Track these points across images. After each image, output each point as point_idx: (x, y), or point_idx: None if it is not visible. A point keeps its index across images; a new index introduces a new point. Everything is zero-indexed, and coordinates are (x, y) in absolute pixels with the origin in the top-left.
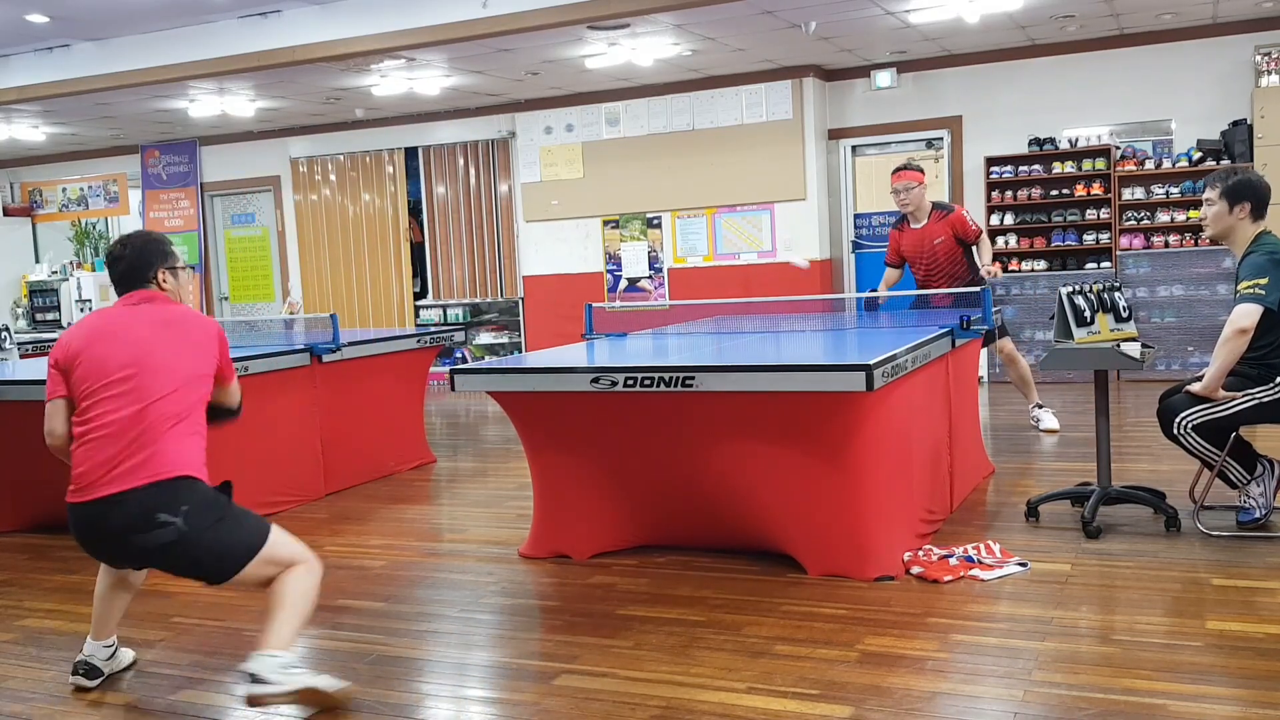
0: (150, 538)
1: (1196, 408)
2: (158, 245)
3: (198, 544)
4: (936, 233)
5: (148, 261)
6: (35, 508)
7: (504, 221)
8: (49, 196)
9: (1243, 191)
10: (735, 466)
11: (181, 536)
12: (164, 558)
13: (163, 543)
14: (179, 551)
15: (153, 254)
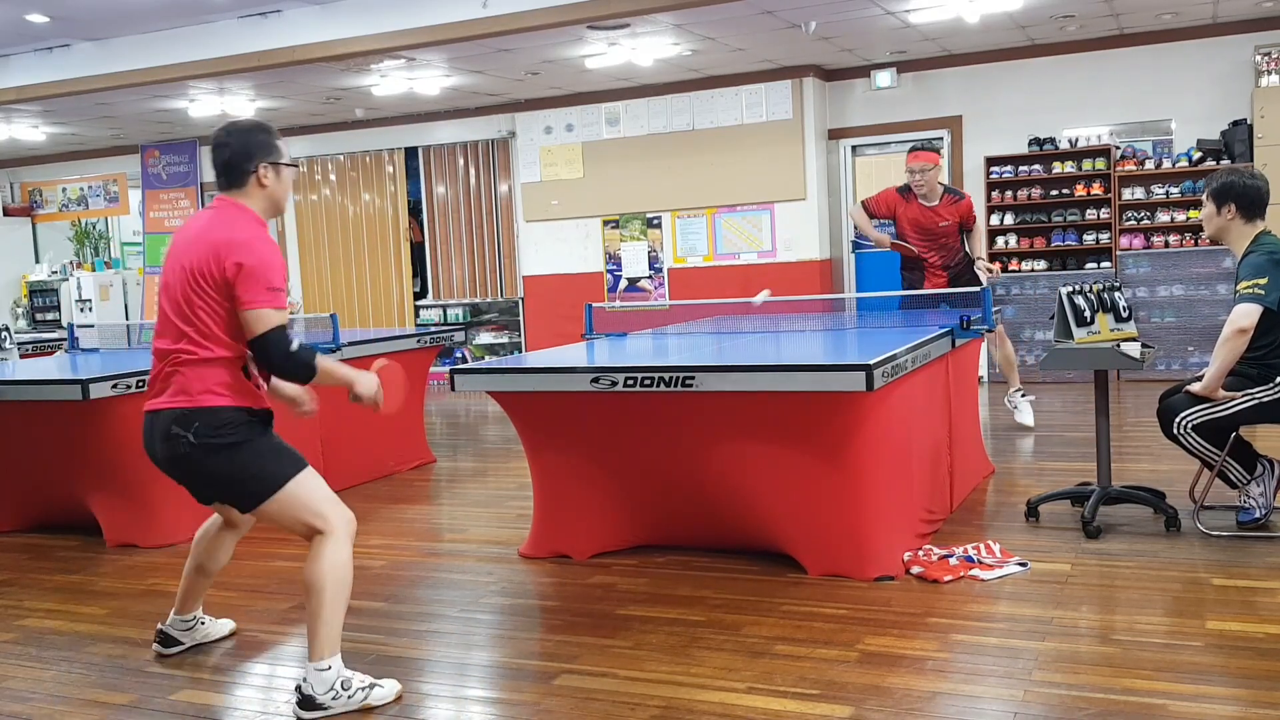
0: (166, 448)
1: (1196, 408)
2: (263, 135)
3: (208, 463)
4: (945, 215)
5: (248, 153)
6: (35, 508)
7: (504, 221)
8: (49, 196)
9: (1228, 192)
10: (735, 466)
11: (192, 451)
12: (183, 472)
13: (175, 454)
14: (192, 468)
15: (255, 145)
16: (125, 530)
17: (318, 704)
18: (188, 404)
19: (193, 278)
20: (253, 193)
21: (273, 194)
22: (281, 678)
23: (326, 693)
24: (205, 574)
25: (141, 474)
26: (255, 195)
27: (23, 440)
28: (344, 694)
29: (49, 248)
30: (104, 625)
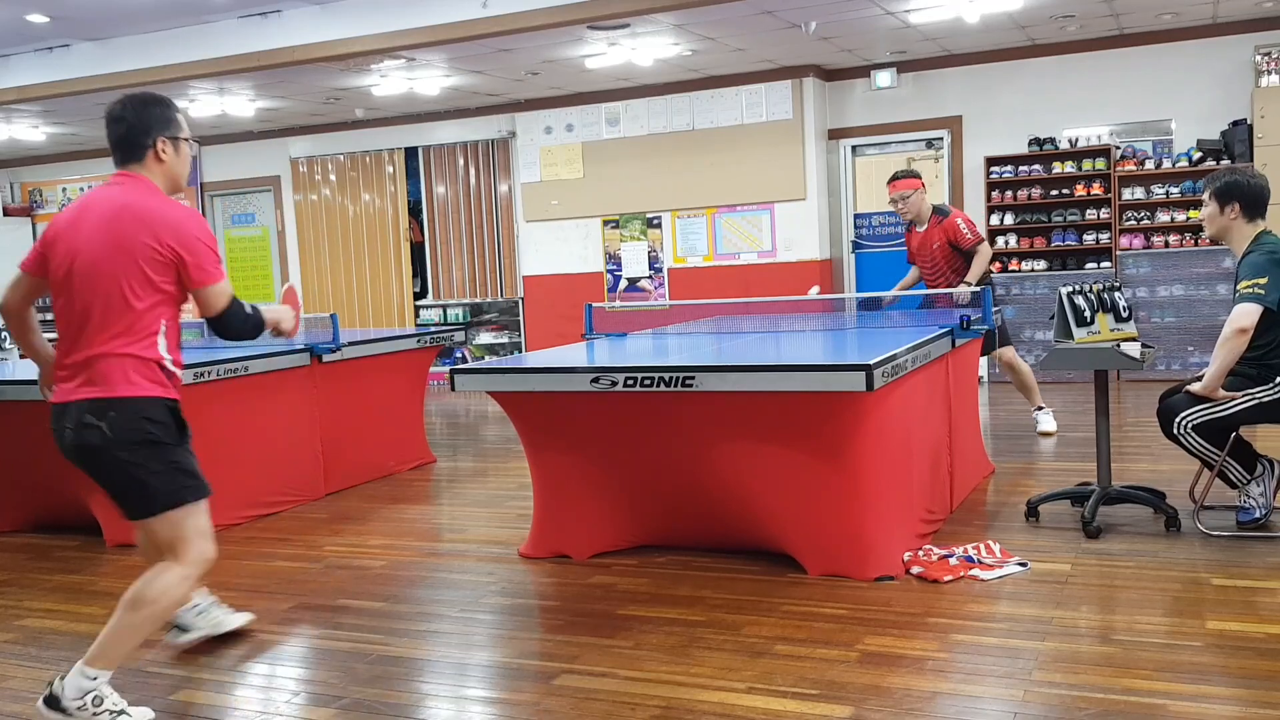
0: (80, 436)
1: (1196, 408)
2: (160, 109)
3: (115, 460)
4: (934, 237)
5: (145, 127)
6: (35, 508)
7: (504, 221)
8: (49, 196)
9: (1231, 191)
10: (735, 466)
11: (106, 443)
12: (91, 464)
13: (88, 444)
14: (101, 461)
15: (153, 119)
16: (125, 530)
17: (61, 706)
18: (105, 394)
19: (126, 256)
20: (151, 167)
21: (170, 169)
22: (281, 678)
23: (76, 699)
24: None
25: None
26: (154, 170)
27: (23, 440)
28: (91, 708)
29: None
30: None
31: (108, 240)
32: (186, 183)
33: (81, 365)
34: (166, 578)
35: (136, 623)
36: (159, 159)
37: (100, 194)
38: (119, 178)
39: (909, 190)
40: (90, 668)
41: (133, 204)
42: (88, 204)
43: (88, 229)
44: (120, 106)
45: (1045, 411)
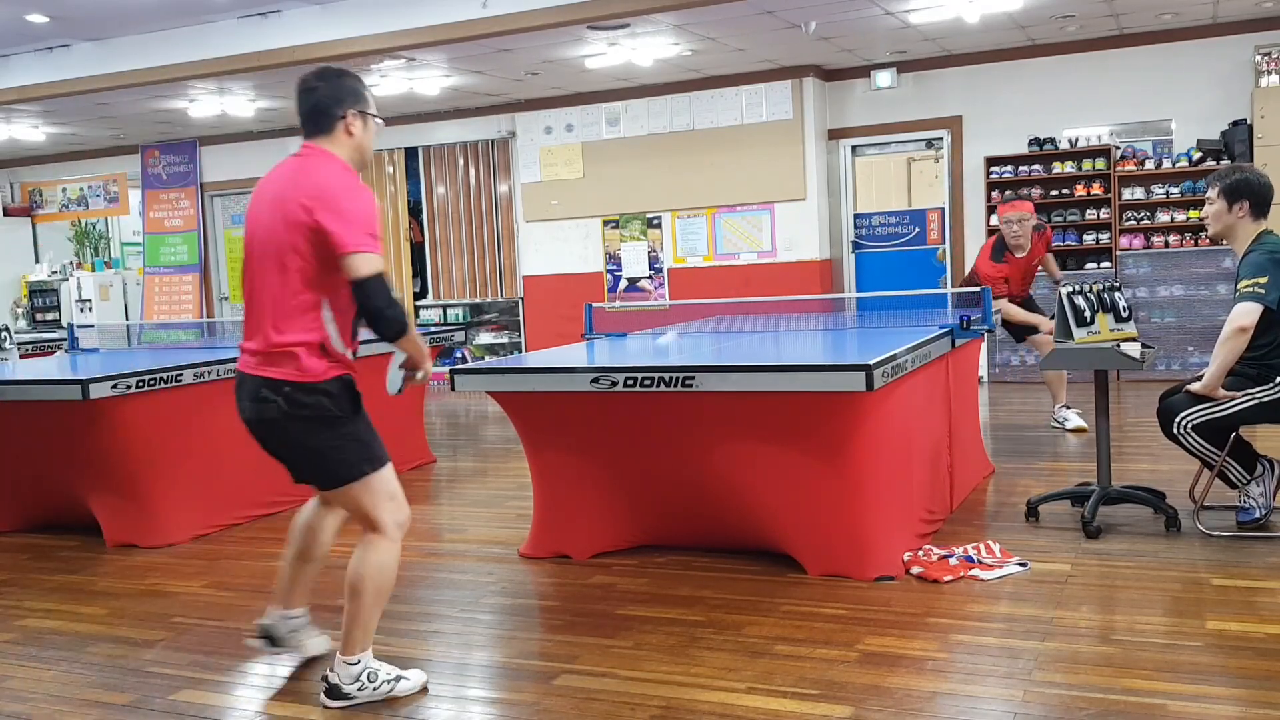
0: (257, 409)
1: (1196, 407)
2: (353, 82)
3: (293, 432)
4: (1037, 254)
5: (338, 98)
6: (35, 508)
7: (504, 221)
8: (49, 196)
9: (1241, 190)
10: (735, 466)
11: (282, 416)
12: (271, 437)
13: (265, 418)
14: (280, 434)
15: (345, 91)
16: (125, 530)
17: (343, 693)
18: (279, 374)
19: (287, 232)
20: (340, 140)
21: (360, 143)
22: (281, 678)
23: (352, 684)
24: (309, 560)
25: (141, 474)
26: (342, 143)
27: (23, 440)
28: (369, 685)
29: (49, 248)
30: (104, 625)
31: (275, 214)
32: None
33: (259, 341)
34: (373, 555)
35: (367, 604)
36: (348, 132)
37: (280, 166)
38: (305, 149)
39: (1027, 214)
40: (349, 656)
41: (300, 175)
42: (268, 178)
43: (263, 205)
44: (313, 77)
45: (1073, 410)
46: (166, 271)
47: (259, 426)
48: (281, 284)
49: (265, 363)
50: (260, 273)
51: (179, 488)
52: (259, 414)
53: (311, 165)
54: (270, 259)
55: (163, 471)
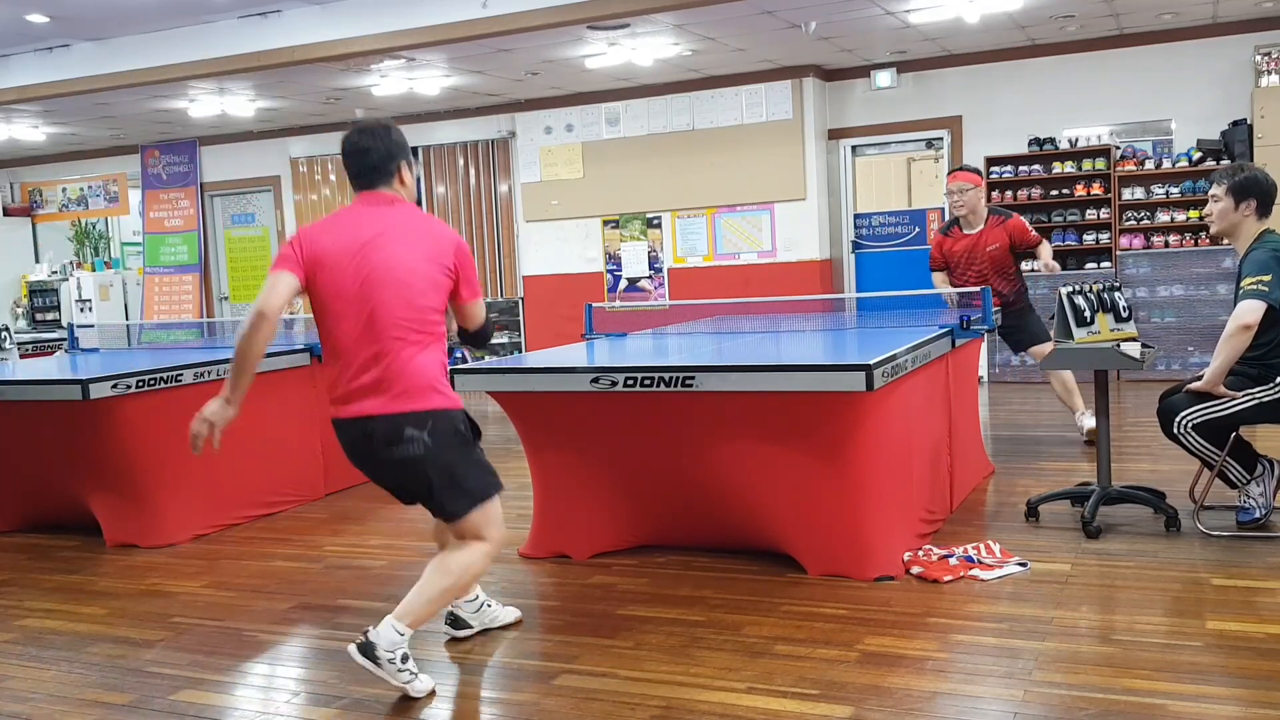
0: (399, 450)
1: (1196, 407)
2: (400, 136)
3: (437, 464)
4: (991, 239)
5: (391, 153)
6: (35, 508)
7: (504, 221)
8: (49, 196)
9: (1249, 188)
10: (735, 466)
11: (427, 452)
12: (408, 474)
13: (409, 457)
14: (421, 469)
15: (396, 145)
16: (125, 530)
17: (374, 655)
18: (423, 406)
19: (430, 271)
20: (398, 189)
21: (411, 190)
22: (281, 678)
23: (388, 650)
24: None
25: (141, 474)
26: (400, 191)
27: (23, 440)
28: (398, 663)
29: (49, 248)
30: (104, 625)
31: (410, 255)
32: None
33: (388, 378)
34: (471, 554)
35: (444, 587)
36: (402, 181)
37: (379, 212)
38: (388, 197)
39: (968, 184)
40: (400, 622)
41: (426, 220)
42: (370, 219)
43: (384, 244)
44: (368, 136)
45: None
46: (166, 271)
47: (399, 466)
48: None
49: (402, 396)
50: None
51: (179, 488)
52: (406, 454)
53: (417, 212)
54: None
55: (163, 471)
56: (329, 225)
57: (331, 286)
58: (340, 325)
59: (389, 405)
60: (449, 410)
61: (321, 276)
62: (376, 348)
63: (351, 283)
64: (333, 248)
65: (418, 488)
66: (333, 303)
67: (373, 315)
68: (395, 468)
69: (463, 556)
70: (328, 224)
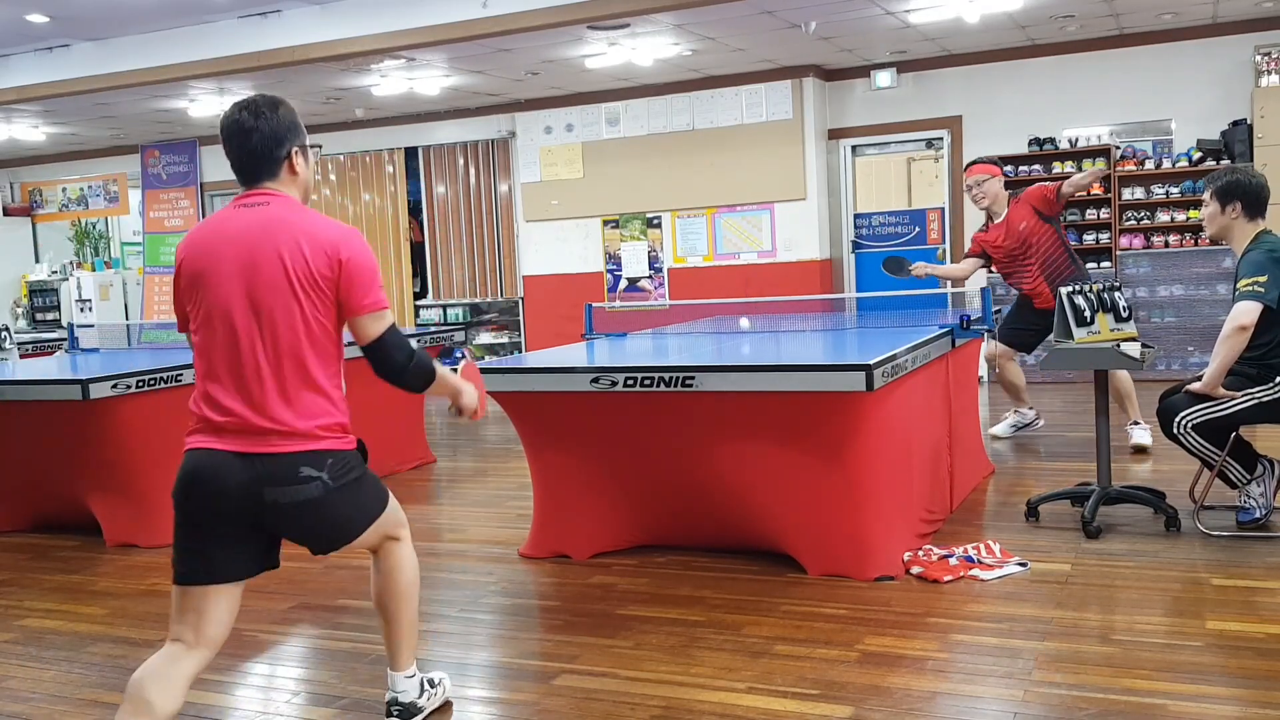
0: (290, 493)
1: (1196, 407)
2: (293, 115)
3: (335, 504)
4: (1018, 218)
5: (279, 138)
6: (35, 508)
7: (504, 221)
8: (49, 196)
9: (1233, 191)
10: (735, 466)
11: (326, 494)
12: (294, 518)
13: (302, 500)
14: (314, 511)
15: (285, 128)
16: (125, 530)
17: (418, 708)
18: (315, 444)
19: (300, 281)
20: (286, 182)
21: (304, 182)
22: (281, 678)
23: (420, 695)
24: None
25: (141, 474)
26: (289, 184)
27: (23, 440)
28: (430, 690)
29: (49, 248)
30: (104, 625)
31: (276, 265)
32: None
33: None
34: (396, 560)
35: (408, 617)
36: (293, 171)
37: (250, 216)
38: (263, 195)
39: (984, 175)
40: (406, 669)
41: (302, 222)
42: (233, 226)
43: (245, 254)
44: (248, 115)
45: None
46: (166, 271)
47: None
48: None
49: (288, 442)
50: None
51: None
52: (297, 497)
53: (295, 211)
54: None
55: (163, 471)
56: (196, 237)
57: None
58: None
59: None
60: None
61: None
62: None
63: (223, 303)
64: (199, 265)
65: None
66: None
67: (239, 340)
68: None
69: (401, 576)
70: (195, 235)
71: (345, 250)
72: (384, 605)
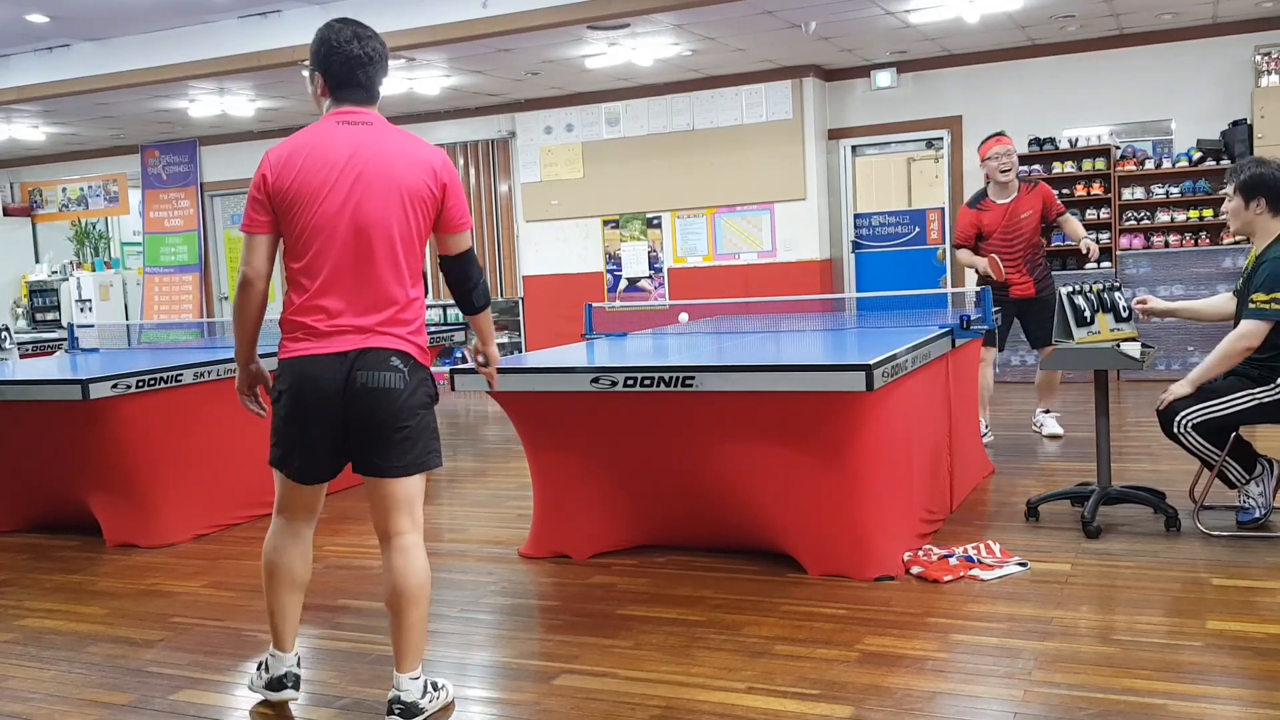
0: (377, 377)
1: (1196, 407)
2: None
3: (408, 407)
4: (1025, 206)
5: (386, 65)
6: (35, 508)
7: (504, 221)
8: (49, 196)
9: (1257, 186)
10: (735, 466)
11: (405, 387)
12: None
13: (388, 387)
14: (391, 403)
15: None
16: (125, 530)
17: (421, 709)
18: (400, 345)
19: (409, 199)
20: (375, 105)
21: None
22: None
23: (425, 697)
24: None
25: (141, 474)
26: (376, 107)
27: (23, 440)
28: (434, 693)
29: (49, 248)
30: (104, 625)
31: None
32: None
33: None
34: (421, 557)
35: (421, 619)
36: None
37: (358, 132)
38: (373, 116)
39: (1012, 147)
40: (413, 671)
41: (411, 142)
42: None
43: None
44: (371, 36)
45: (1053, 415)
46: (166, 271)
47: (378, 396)
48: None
49: (384, 339)
50: (368, 249)
51: (179, 488)
52: (385, 383)
53: (402, 132)
54: (378, 234)
55: (163, 471)
56: (298, 150)
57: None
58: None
59: (376, 339)
60: (423, 362)
61: (298, 211)
62: (364, 283)
63: (334, 215)
64: (310, 178)
65: (377, 429)
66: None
67: (357, 252)
68: (363, 399)
69: (420, 565)
70: (296, 147)
71: (446, 173)
72: (395, 606)
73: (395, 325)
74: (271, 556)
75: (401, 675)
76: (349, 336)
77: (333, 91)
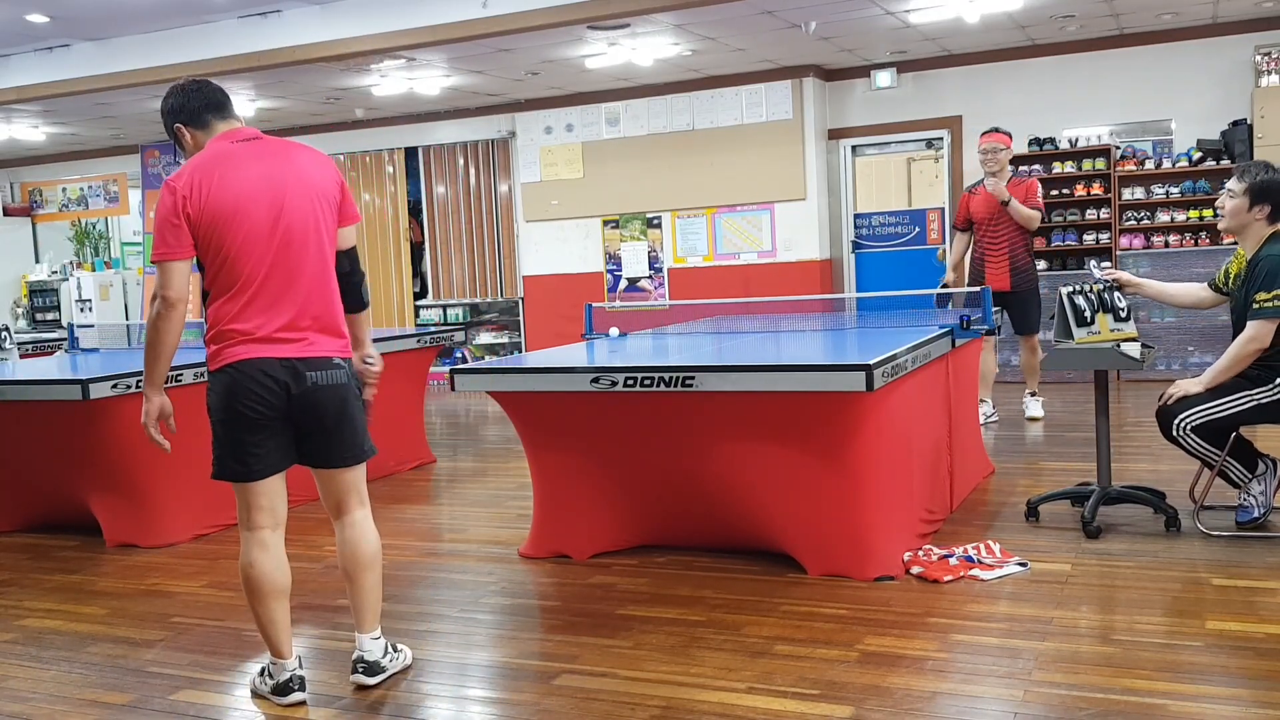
0: (326, 375)
1: (1194, 409)
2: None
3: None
4: (1009, 194)
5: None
6: (35, 508)
7: (504, 221)
8: (49, 196)
9: (1267, 193)
10: (735, 466)
11: (349, 383)
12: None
13: (336, 383)
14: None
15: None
16: (125, 530)
17: (382, 667)
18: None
19: (324, 204)
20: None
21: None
22: None
23: (384, 656)
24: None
25: (141, 474)
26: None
27: (23, 440)
28: (394, 654)
29: (49, 248)
30: (104, 625)
31: (308, 189)
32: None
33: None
34: (367, 535)
35: (376, 583)
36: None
37: (260, 147)
38: (252, 131)
39: (1000, 145)
40: (373, 632)
41: (300, 149)
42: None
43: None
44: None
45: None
46: None
47: (328, 394)
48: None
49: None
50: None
51: (179, 488)
52: (333, 380)
53: (285, 141)
54: (310, 238)
55: (163, 471)
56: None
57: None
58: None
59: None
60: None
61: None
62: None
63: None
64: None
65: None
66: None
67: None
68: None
69: (368, 543)
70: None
71: (334, 171)
72: (353, 573)
73: (329, 326)
74: (248, 572)
75: (364, 636)
76: (291, 344)
77: (203, 123)
